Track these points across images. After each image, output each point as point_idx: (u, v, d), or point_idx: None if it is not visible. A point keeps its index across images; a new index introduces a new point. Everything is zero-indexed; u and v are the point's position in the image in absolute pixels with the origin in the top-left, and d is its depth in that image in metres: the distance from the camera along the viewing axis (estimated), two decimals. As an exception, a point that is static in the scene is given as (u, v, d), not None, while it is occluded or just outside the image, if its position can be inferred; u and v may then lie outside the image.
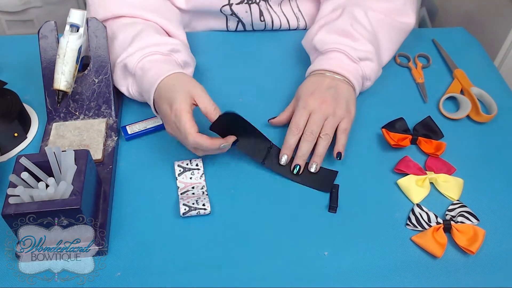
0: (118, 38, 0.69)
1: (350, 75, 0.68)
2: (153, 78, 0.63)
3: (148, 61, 0.66)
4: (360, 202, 0.62)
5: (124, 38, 0.69)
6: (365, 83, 0.72)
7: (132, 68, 0.66)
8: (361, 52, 0.69)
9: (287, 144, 0.65)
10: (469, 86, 0.77)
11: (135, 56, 0.66)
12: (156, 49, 0.67)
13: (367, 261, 0.56)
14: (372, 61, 0.70)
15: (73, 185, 0.52)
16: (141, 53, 0.66)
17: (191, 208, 0.59)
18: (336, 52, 0.70)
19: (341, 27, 0.71)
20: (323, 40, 0.72)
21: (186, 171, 0.64)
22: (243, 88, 0.77)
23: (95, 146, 0.65)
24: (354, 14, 0.72)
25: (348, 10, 0.73)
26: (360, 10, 0.72)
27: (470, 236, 0.57)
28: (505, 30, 0.94)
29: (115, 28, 0.71)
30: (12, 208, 0.50)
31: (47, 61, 0.68)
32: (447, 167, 0.65)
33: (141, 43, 0.67)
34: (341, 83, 0.68)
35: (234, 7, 0.82)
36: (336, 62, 0.69)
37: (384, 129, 0.68)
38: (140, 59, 0.66)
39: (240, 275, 0.55)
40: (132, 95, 0.70)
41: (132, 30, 0.69)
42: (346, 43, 0.69)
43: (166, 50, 0.68)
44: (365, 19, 0.72)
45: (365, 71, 0.70)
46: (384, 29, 0.73)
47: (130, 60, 0.66)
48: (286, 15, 0.86)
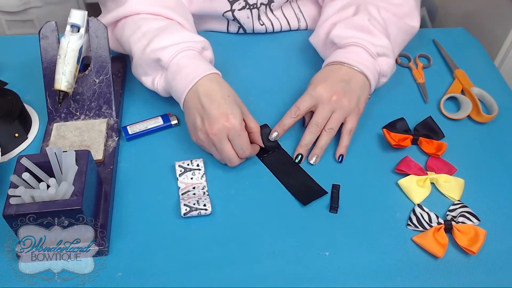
0: (141, 28, 0.68)
1: (367, 70, 0.67)
2: (190, 76, 0.63)
3: (183, 57, 0.65)
4: (361, 202, 0.62)
5: (149, 28, 0.67)
6: (381, 79, 0.71)
7: (165, 62, 0.65)
8: (379, 47, 0.68)
9: (282, 123, 0.66)
10: (469, 86, 0.77)
11: (170, 50, 0.65)
12: (191, 45, 0.66)
13: (368, 261, 0.56)
14: (389, 57, 0.70)
15: (74, 186, 0.52)
16: (176, 48, 0.65)
17: (192, 208, 0.59)
18: (355, 47, 0.69)
19: (360, 22, 0.70)
20: (341, 34, 0.70)
21: (187, 171, 0.64)
22: (244, 88, 0.77)
23: (96, 147, 0.65)
24: (369, 10, 0.71)
25: (363, 7, 0.72)
26: (373, 7, 0.72)
27: (471, 236, 0.57)
28: (505, 30, 0.94)
29: (138, 19, 0.69)
30: (13, 209, 0.50)
31: (47, 61, 0.68)
32: (448, 167, 0.65)
33: (174, 37, 0.66)
34: (358, 76, 0.67)
35: (236, 13, 0.81)
36: (354, 56, 0.68)
37: (385, 129, 0.68)
38: (176, 54, 0.64)
39: (240, 275, 0.55)
40: (156, 88, 0.69)
41: (157, 23, 0.68)
42: (365, 38, 0.69)
43: (200, 47, 0.67)
44: (379, 15, 0.71)
45: (383, 67, 0.69)
46: (393, 27, 0.73)
47: (164, 54, 0.65)
48: (287, 18, 0.86)
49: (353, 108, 0.65)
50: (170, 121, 0.70)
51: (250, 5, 0.80)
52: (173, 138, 0.69)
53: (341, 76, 0.67)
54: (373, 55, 0.68)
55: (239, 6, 0.80)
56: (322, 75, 0.68)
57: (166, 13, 0.71)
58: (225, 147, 0.61)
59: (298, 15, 0.87)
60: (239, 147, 0.61)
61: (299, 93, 0.75)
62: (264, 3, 0.82)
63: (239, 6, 0.80)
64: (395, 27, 0.74)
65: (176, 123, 0.70)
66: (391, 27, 0.73)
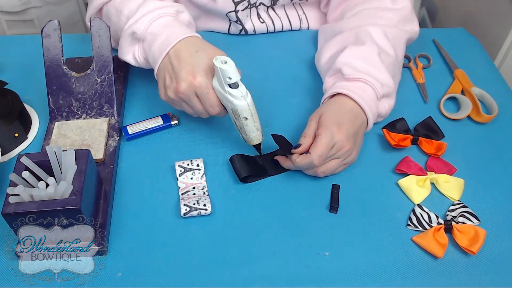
0: (123, 12, 0.69)
1: (370, 112, 0.64)
2: (164, 44, 0.63)
3: (157, 25, 0.65)
4: (361, 202, 0.62)
5: (130, 9, 0.68)
6: (377, 119, 0.69)
7: (141, 33, 0.66)
8: (386, 87, 0.66)
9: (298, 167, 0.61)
10: (469, 86, 0.77)
11: (144, 21, 0.66)
12: (163, 12, 0.66)
13: (368, 261, 0.56)
14: (391, 97, 0.68)
15: (73, 185, 0.52)
16: (148, 17, 0.66)
17: (192, 208, 0.59)
18: (364, 83, 0.65)
19: (368, 55, 0.67)
20: (349, 63, 0.66)
21: (187, 171, 0.64)
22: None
23: (96, 146, 0.65)
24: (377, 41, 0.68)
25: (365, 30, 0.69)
26: (378, 29, 0.69)
27: (471, 236, 0.57)
28: (505, 30, 0.94)
29: (117, 4, 0.70)
30: (12, 207, 0.50)
31: (50, 60, 0.68)
32: (448, 168, 0.65)
33: (146, 8, 0.67)
34: (361, 115, 0.64)
35: (240, 14, 0.81)
36: (361, 93, 0.64)
37: (385, 130, 0.68)
38: (150, 24, 0.65)
39: (240, 275, 0.55)
40: (139, 62, 0.70)
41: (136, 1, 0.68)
42: (374, 74, 0.65)
43: (173, 11, 0.68)
44: (387, 43, 0.69)
45: (383, 110, 0.67)
46: (400, 43, 0.72)
47: (138, 26, 0.66)
48: (290, 18, 0.86)
49: (357, 149, 0.64)
50: (170, 121, 0.70)
51: (251, 4, 0.80)
52: (173, 138, 0.69)
53: (350, 114, 0.63)
54: (378, 97, 0.65)
55: (242, 6, 0.80)
56: (332, 115, 0.62)
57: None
58: (195, 102, 0.62)
59: (301, 16, 0.86)
60: (208, 105, 0.61)
61: (300, 93, 0.76)
62: (265, 4, 0.82)
63: (243, 6, 0.80)
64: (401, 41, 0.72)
65: (176, 123, 0.70)
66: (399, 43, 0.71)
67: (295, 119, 0.72)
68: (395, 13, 0.73)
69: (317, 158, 0.59)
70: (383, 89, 0.65)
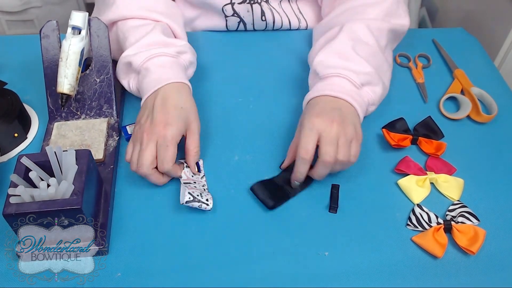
0: (129, 40, 0.69)
1: (353, 100, 0.63)
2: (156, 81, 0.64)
3: (153, 63, 0.66)
4: (360, 202, 0.62)
5: (135, 39, 0.68)
6: (369, 108, 0.68)
7: (137, 66, 0.66)
8: (362, 75, 0.65)
9: (299, 173, 0.60)
10: (469, 86, 0.77)
11: (142, 55, 0.66)
12: (164, 51, 0.66)
13: (367, 261, 0.56)
14: (374, 84, 0.66)
15: (74, 185, 0.52)
16: (148, 53, 0.66)
17: (195, 198, 0.58)
18: (338, 78, 0.65)
19: (342, 49, 0.67)
20: (323, 62, 0.67)
21: (187, 167, 0.64)
22: (243, 88, 0.77)
23: (96, 146, 0.65)
24: (357, 34, 0.68)
25: (348, 27, 0.69)
26: (361, 24, 0.69)
27: (470, 236, 0.57)
28: (505, 30, 0.94)
29: (125, 30, 0.70)
30: (13, 208, 0.50)
31: (48, 60, 0.68)
32: (448, 167, 0.65)
33: (147, 41, 0.67)
34: (345, 106, 0.62)
35: (236, 7, 0.82)
36: (338, 88, 0.64)
37: (384, 129, 0.68)
38: (147, 60, 0.66)
39: (240, 275, 0.55)
40: (132, 90, 0.70)
41: (143, 30, 0.69)
42: (348, 67, 0.65)
43: (174, 51, 0.68)
44: (369, 34, 0.69)
45: (369, 97, 0.66)
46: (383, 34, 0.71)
47: (136, 59, 0.66)
48: (288, 15, 0.86)
49: (353, 133, 0.61)
50: (170, 121, 0.70)
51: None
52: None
53: (331, 105, 0.62)
54: (357, 85, 0.64)
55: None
56: (311, 110, 0.62)
57: (154, 16, 0.72)
58: (147, 150, 0.59)
59: (298, 16, 0.86)
60: (161, 158, 0.59)
61: (298, 93, 0.75)
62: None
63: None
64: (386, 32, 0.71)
65: (176, 123, 0.70)
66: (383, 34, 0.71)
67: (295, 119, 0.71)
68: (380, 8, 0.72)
69: (303, 150, 0.58)
70: (360, 78, 0.64)
